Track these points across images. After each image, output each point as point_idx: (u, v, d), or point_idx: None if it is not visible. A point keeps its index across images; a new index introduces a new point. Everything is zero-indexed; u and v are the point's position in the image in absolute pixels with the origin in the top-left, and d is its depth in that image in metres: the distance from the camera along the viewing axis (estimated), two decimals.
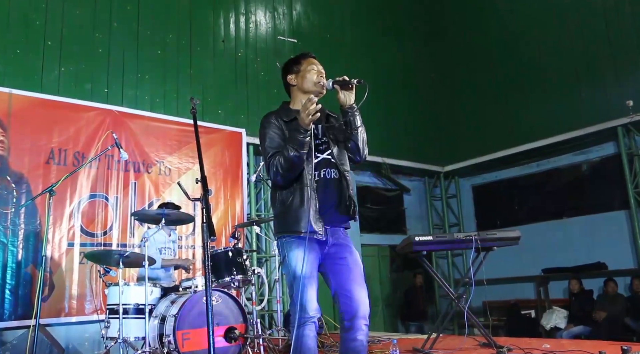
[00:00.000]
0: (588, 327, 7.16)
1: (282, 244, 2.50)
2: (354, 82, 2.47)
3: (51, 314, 5.26)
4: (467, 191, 10.56)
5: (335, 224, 2.54)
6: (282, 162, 2.38)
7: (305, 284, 2.36)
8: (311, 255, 2.41)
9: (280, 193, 2.51)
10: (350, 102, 2.52)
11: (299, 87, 2.64)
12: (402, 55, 10.18)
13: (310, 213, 2.39)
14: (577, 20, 8.43)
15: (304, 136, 2.35)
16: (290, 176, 2.43)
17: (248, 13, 8.18)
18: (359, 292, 2.41)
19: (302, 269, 2.35)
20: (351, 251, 2.52)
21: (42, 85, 5.98)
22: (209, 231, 2.05)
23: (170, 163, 6.59)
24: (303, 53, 2.71)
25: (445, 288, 4.57)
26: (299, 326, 2.35)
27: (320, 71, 2.62)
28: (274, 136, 2.50)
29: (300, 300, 2.35)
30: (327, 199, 2.49)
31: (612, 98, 7.84)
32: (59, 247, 5.52)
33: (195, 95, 7.12)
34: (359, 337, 2.39)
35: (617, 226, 7.96)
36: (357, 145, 2.56)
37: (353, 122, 2.54)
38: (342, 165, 2.56)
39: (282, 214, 2.49)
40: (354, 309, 2.39)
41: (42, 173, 5.55)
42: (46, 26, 6.18)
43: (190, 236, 6.55)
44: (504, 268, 8.29)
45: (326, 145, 2.57)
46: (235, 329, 4.12)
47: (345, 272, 2.46)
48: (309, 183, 2.44)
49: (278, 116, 2.58)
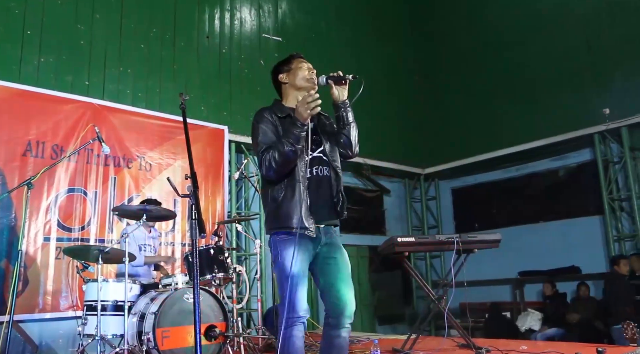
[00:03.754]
0: (562, 329, 7.29)
1: (275, 242, 2.49)
2: (349, 77, 2.50)
3: (24, 310, 5.12)
4: (447, 193, 10.67)
5: (327, 222, 2.55)
6: (276, 156, 2.36)
7: (297, 283, 2.35)
8: (304, 254, 2.41)
9: (272, 189, 2.50)
10: (344, 98, 2.55)
11: (290, 84, 2.66)
12: (387, 55, 10.22)
13: (302, 209, 2.39)
14: (560, 29, 8.57)
15: (300, 130, 2.35)
16: (283, 171, 2.42)
17: (233, 9, 8.12)
18: (347, 292, 2.46)
19: (293, 268, 2.34)
20: (342, 252, 2.56)
21: (20, 75, 5.82)
22: (198, 228, 2.01)
23: (151, 159, 6.51)
24: (292, 54, 2.74)
25: (426, 289, 4.60)
26: (288, 326, 2.35)
27: (311, 67, 2.65)
28: (266, 130, 2.49)
29: (290, 300, 2.34)
30: (320, 196, 2.50)
31: (590, 105, 7.99)
32: (35, 241, 5.40)
33: (178, 90, 7.04)
34: (342, 334, 2.46)
35: (592, 231, 8.13)
36: (349, 140, 2.58)
37: (345, 117, 2.57)
38: (334, 162, 2.59)
39: (274, 210, 2.48)
40: (341, 308, 2.44)
41: (19, 166, 5.41)
42: (25, 15, 6.02)
43: (170, 233, 6.47)
44: (481, 271, 8.39)
45: (318, 142, 2.58)
46: (216, 328, 4.09)
47: (335, 272, 2.49)
48: (301, 180, 2.44)
49: (272, 111, 2.58)
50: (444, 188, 10.71)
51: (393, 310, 9.93)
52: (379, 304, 9.71)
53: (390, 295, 10.01)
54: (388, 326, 9.68)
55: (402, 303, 10.13)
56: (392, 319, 9.82)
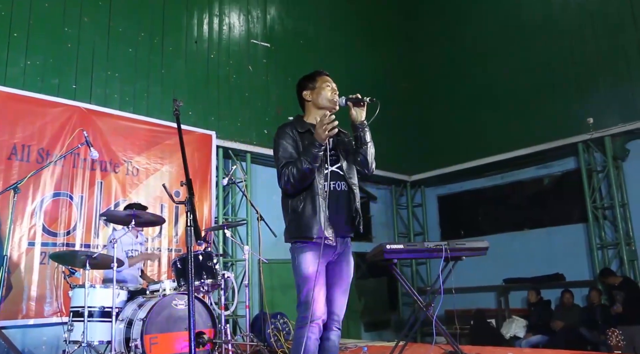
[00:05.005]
0: (546, 336, 7.37)
1: (294, 249, 2.62)
2: (366, 99, 2.67)
3: (7, 316, 5.02)
4: (433, 200, 10.75)
5: (343, 233, 2.67)
6: (295, 172, 2.51)
7: (315, 286, 2.48)
8: (322, 259, 2.53)
9: (292, 201, 2.63)
10: (362, 119, 2.71)
11: (313, 103, 2.80)
12: (375, 63, 10.29)
13: (322, 220, 2.53)
14: (544, 39, 8.73)
15: (318, 150, 2.48)
16: (300, 186, 2.56)
17: (222, 15, 8.11)
18: (340, 298, 2.63)
19: (314, 272, 2.48)
20: (348, 261, 2.72)
21: (6, 78, 5.73)
22: (195, 234, 2.01)
23: (138, 164, 6.45)
24: (317, 71, 2.87)
25: (415, 296, 4.62)
26: (303, 326, 2.46)
27: (334, 88, 2.80)
28: (287, 146, 2.63)
29: (305, 300, 2.48)
30: (337, 209, 2.63)
31: (574, 115, 8.14)
32: (19, 246, 5.31)
33: (166, 95, 7.03)
34: (331, 337, 2.59)
35: (575, 238, 8.25)
36: (366, 159, 2.73)
37: (363, 137, 2.72)
38: (350, 179, 2.72)
39: (294, 221, 2.61)
40: (331, 311, 2.58)
41: (4, 169, 5.32)
42: (12, 17, 5.94)
43: (157, 238, 6.42)
44: (466, 278, 8.43)
45: (336, 158, 2.72)
46: (204, 334, 4.06)
47: (336, 280, 2.65)
48: (319, 192, 2.57)
49: (292, 127, 2.71)
50: (430, 195, 10.79)
51: (379, 316, 9.94)
52: (365, 310, 9.72)
53: (376, 301, 10.03)
54: (374, 332, 9.68)
55: (388, 310, 10.15)
56: (378, 326, 9.84)
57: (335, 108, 2.73)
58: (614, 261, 7.64)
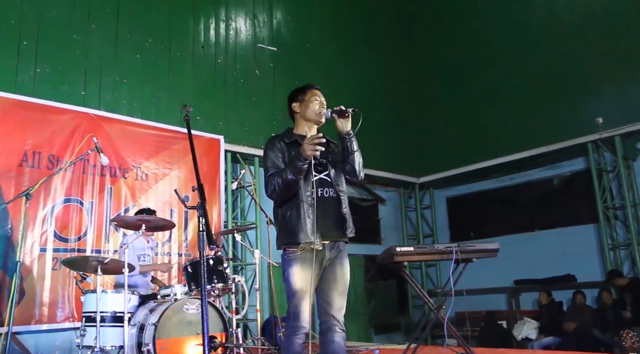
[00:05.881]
0: (558, 338, 7.31)
1: (284, 259, 2.72)
2: (349, 111, 2.73)
3: (21, 322, 5.04)
4: (441, 202, 10.71)
5: (333, 238, 2.75)
6: (280, 182, 2.64)
7: (301, 297, 2.60)
8: (308, 271, 2.63)
9: (280, 209, 2.76)
10: (347, 129, 2.78)
11: (301, 115, 2.90)
12: (380, 66, 10.30)
13: (307, 226, 2.63)
14: (549, 38, 8.70)
15: (302, 164, 2.60)
16: (285, 194, 2.69)
17: (228, 19, 8.15)
18: (338, 300, 2.70)
19: (298, 283, 2.61)
20: (342, 264, 2.76)
21: (16, 85, 5.79)
22: (208, 239, 2.02)
23: (147, 169, 6.49)
24: (308, 84, 2.97)
25: (426, 299, 4.61)
26: (290, 335, 2.61)
27: (322, 102, 2.89)
28: (274, 157, 2.75)
29: (294, 310, 2.60)
30: (326, 215, 2.71)
31: (582, 115, 8.09)
32: (31, 252, 5.35)
33: (174, 100, 7.06)
34: (335, 339, 2.65)
35: (586, 239, 8.19)
36: (354, 168, 2.81)
37: (350, 147, 2.79)
38: (338, 186, 2.82)
39: (283, 228, 2.73)
40: (330, 311, 2.67)
41: (15, 176, 5.37)
42: (21, 25, 6.01)
43: (167, 243, 6.45)
44: (476, 279, 8.38)
45: (325, 166, 2.82)
46: (216, 338, 4.07)
47: (331, 282, 2.72)
48: (304, 199, 2.68)
49: (281, 139, 2.84)
50: (439, 197, 10.75)
51: (389, 319, 9.91)
52: (375, 313, 9.69)
53: (386, 303, 10.00)
54: (384, 335, 9.65)
55: (398, 312, 10.12)
56: (388, 328, 9.80)
57: (321, 121, 2.84)
58: (626, 262, 7.58)
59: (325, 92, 2.97)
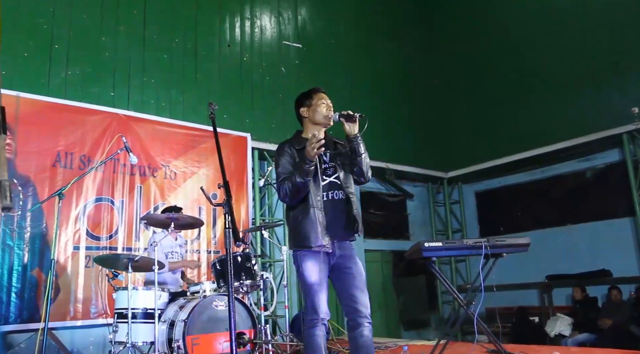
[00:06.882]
0: (593, 335, 7.14)
1: (296, 257, 2.84)
2: (356, 115, 2.81)
3: (56, 318, 5.19)
4: (470, 197, 10.56)
5: (342, 238, 2.87)
6: (290, 186, 2.76)
7: (317, 290, 2.71)
8: (320, 265, 2.75)
9: (293, 211, 2.88)
10: (355, 132, 2.85)
11: (310, 119, 3.00)
12: (405, 60, 10.20)
13: (318, 229, 2.75)
14: (580, 27, 8.46)
15: (308, 166, 2.72)
16: (296, 198, 2.80)
17: (253, 18, 8.19)
18: (361, 296, 2.77)
19: (314, 277, 2.72)
20: (355, 262, 2.86)
21: (49, 88, 5.95)
22: (234, 236, 2.03)
23: (175, 167, 6.58)
24: (314, 88, 3.06)
25: (455, 294, 4.55)
26: (310, 327, 2.70)
27: (329, 105, 2.97)
28: (284, 163, 2.87)
29: (311, 304, 2.71)
30: (335, 217, 2.83)
31: (616, 105, 7.85)
32: (65, 250, 5.49)
33: (201, 99, 7.14)
34: (365, 333, 2.73)
35: (622, 233, 7.96)
36: (361, 170, 2.90)
37: (357, 149, 2.87)
38: (347, 188, 2.91)
39: (294, 230, 2.85)
40: (357, 309, 2.74)
41: (49, 176, 5.52)
42: (53, 30, 6.16)
43: (196, 241, 6.53)
44: (507, 275, 8.26)
45: (333, 169, 2.92)
46: (245, 335, 4.10)
47: (350, 280, 2.81)
48: (314, 204, 2.80)
49: (291, 144, 2.95)
50: (468, 191, 10.61)
51: (418, 315, 9.84)
52: (404, 309, 9.64)
53: (415, 299, 9.93)
54: (413, 331, 9.60)
55: (427, 308, 10.04)
56: (417, 325, 9.74)
57: (329, 124, 2.93)
58: None
59: (349, 88, 2.99)
